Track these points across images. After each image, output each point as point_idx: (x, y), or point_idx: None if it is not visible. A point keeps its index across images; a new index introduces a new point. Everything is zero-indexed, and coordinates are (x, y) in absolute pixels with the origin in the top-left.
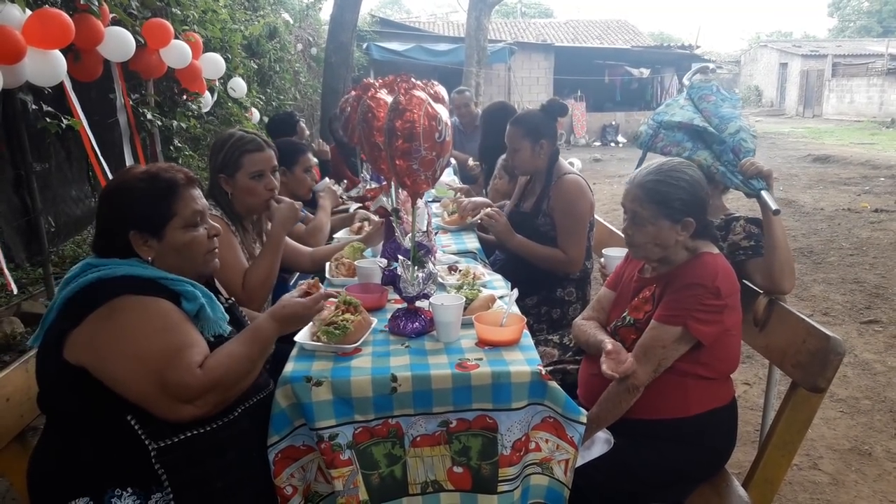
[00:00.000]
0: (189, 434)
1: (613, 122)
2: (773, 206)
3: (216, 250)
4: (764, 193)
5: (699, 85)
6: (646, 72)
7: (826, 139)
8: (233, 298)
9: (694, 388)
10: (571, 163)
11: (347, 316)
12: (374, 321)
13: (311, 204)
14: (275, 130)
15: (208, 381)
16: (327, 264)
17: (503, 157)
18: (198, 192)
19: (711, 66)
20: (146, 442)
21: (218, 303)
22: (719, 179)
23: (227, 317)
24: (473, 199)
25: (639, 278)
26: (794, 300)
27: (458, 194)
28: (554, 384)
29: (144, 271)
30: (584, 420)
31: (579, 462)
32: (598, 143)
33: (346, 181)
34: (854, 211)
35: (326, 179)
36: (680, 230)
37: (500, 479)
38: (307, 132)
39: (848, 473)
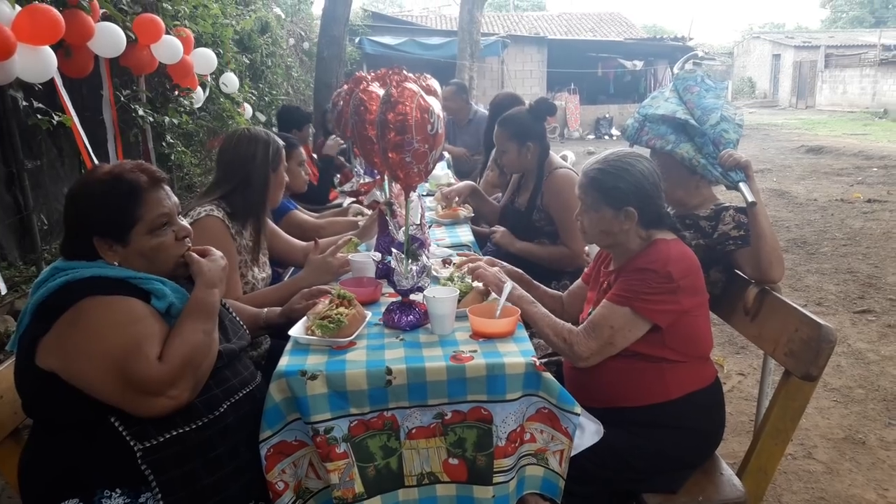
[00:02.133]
0: (175, 433)
1: (607, 115)
2: (750, 197)
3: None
4: (742, 185)
5: (684, 76)
6: (639, 64)
7: (819, 130)
8: None
9: (670, 372)
10: (565, 156)
11: (342, 310)
12: (369, 315)
13: (306, 198)
14: (287, 121)
15: (171, 370)
16: None
17: (495, 150)
18: (163, 193)
19: (700, 53)
20: (131, 443)
21: (189, 296)
22: (700, 172)
23: None
24: (455, 185)
25: (605, 273)
26: (788, 290)
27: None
28: (548, 375)
29: (112, 271)
30: (579, 411)
31: None
32: (591, 136)
33: (339, 175)
34: (847, 201)
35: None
36: (623, 219)
37: (495, 470)
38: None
39: (842, 462)
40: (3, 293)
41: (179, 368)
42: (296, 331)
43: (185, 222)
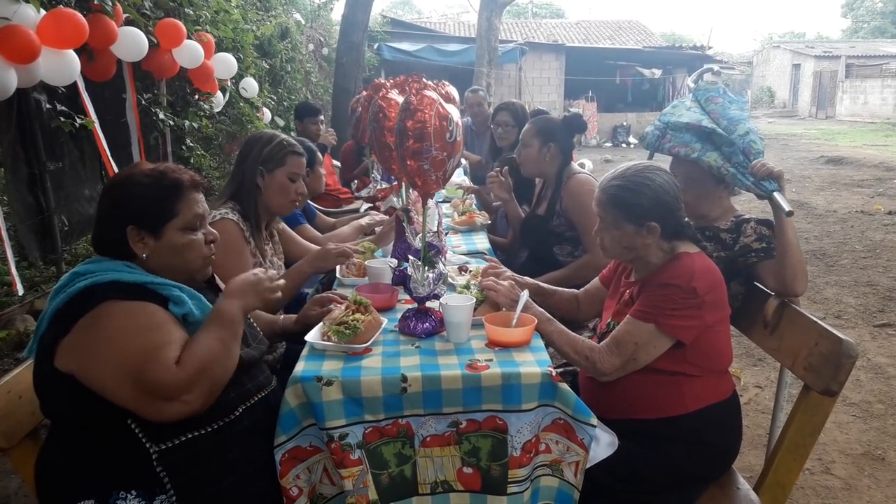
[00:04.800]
0: (191, 435)
1: (625, 123)
2: (787, 207)
3: (213, 256)
4: (776, 195)
5: (705, 87)
6: (657, 72)
7: (839, 141)
8: None
9: (688, 386)
10: (582, 164)
11: (358, 316)
12: (385, 321)
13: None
14: (302, 112)
15: (186, 376)
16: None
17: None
18: (201, 196)
19: (716, 67)
20: (147, 445)
21: (207, 303)
22: (729, 181)
23: None
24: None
25: (625, 283)
26: (807, 303)
27: (467, 194)
28: (564, 386)
29: (131, 276)
30: (595, 422)
31: None
32: (608, 144)
33: (356, 181)
34: (867, 213)
35: (378, 215)
36: (645, 234)
37: (509, 480)
38: (323, 126)
39: (861, 478)
40: (20, 294)
41: (195, 374)
42: (312, 336)
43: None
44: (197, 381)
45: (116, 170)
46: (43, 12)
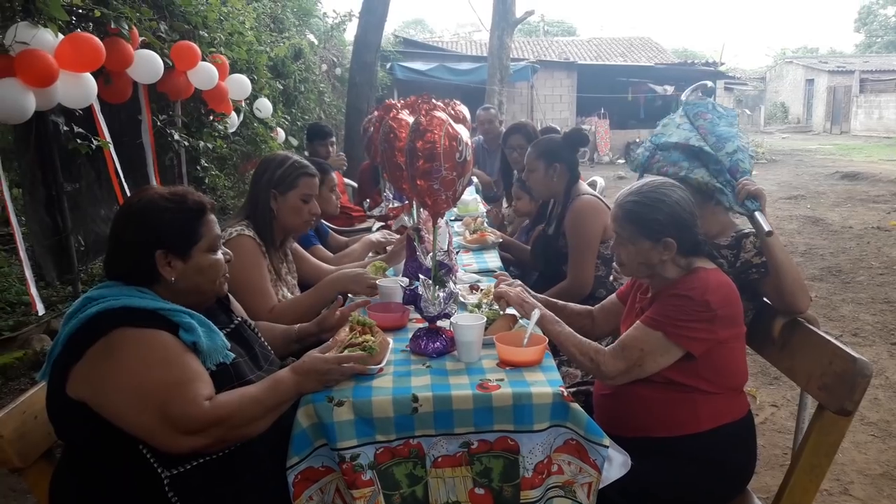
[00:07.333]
0: (202, 460)
1: (637, 140)
2: (766, 227)
3: (227, 275)
4: (757, 214)
5: (695, 102)
6: (669, 89)
7: (854, 156)
8: (240, 319)
9: (703, 403)
10: (594, 182)
11: (368, 337)
12: (391, 341)
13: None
14: (313, 134)
15: (215, 416)
16: None
17: (524, 172)
18: (215, 218)
19: (709, 84)
20: (159, 470)
21: (217, 331)
22: (717, 197)
23: (228, 344)
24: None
25: (641, 298)
26: (823, 320)
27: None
28: (576, 406)
29: (142, 302)
30: (607, 443)
31: None
32: (621, 161)
33: (368, 200)
34: (884, 229)
35: (381, 234)
36: (661, 250)
37: (521, 501)
38: (333, 148)
39: (880, 499)
40: (40, 314)
41: (222, 417)
42: None
43: None
44: (219, 424)
45: (127, 191)
46: (61, 37)
